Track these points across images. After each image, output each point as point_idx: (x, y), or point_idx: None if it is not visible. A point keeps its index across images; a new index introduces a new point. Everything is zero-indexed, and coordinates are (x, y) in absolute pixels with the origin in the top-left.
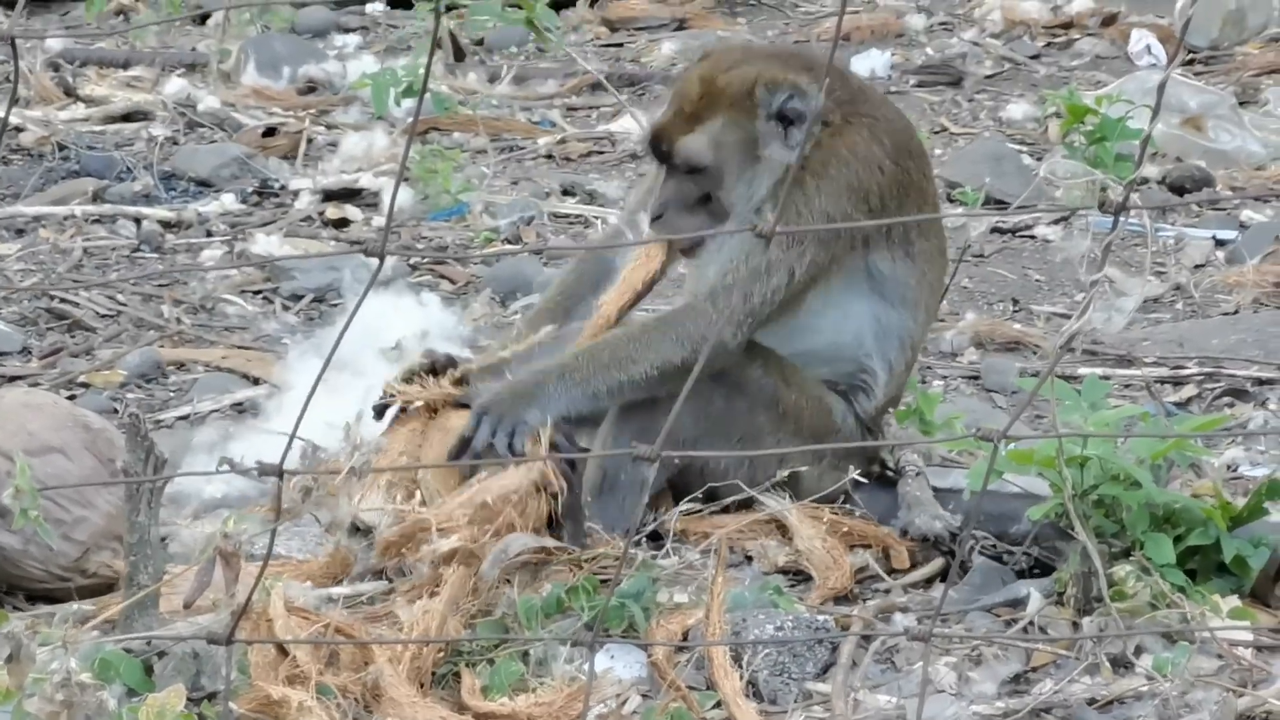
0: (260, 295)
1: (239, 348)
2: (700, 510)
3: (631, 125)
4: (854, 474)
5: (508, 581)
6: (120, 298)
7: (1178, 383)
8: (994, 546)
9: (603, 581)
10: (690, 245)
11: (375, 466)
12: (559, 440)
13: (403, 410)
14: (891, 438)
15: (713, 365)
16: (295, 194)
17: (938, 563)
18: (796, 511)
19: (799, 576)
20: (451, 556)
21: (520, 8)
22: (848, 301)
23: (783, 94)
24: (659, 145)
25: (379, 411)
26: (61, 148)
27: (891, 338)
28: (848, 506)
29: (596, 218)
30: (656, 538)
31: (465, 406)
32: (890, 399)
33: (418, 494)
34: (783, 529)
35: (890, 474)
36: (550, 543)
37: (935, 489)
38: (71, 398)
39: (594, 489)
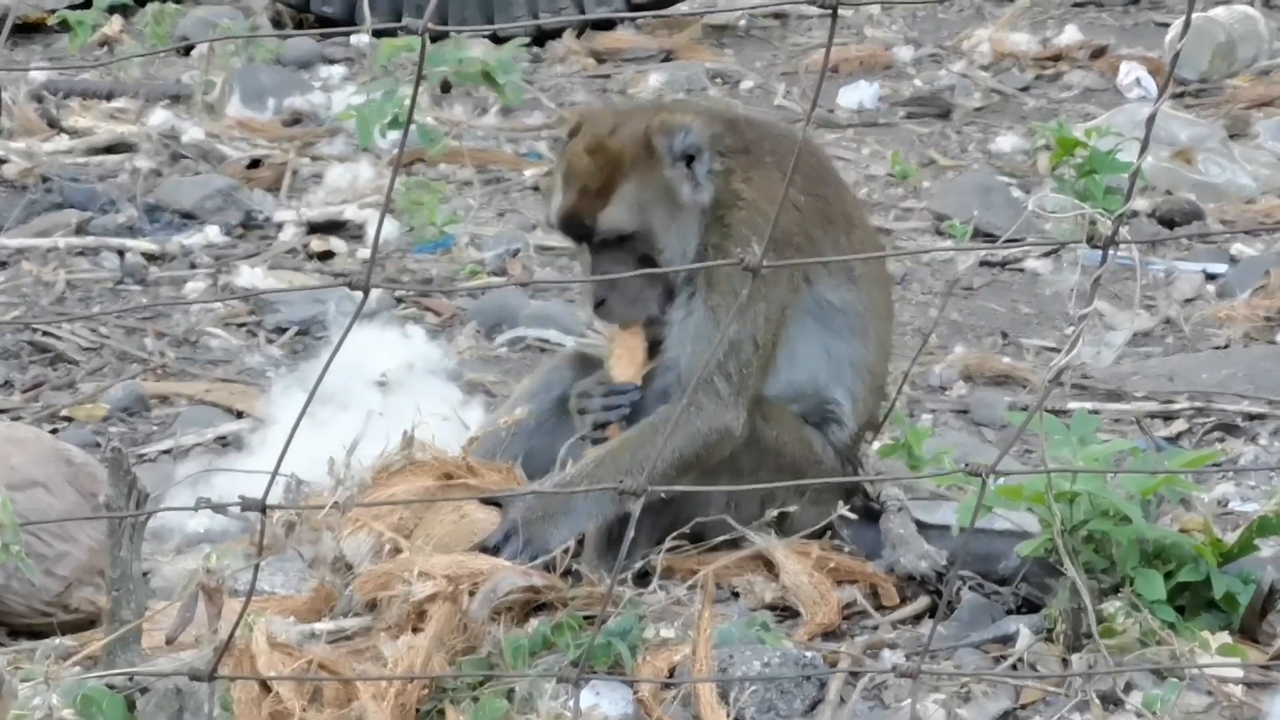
0: (244, 328)
1: (223, 381)
2: (687, 549)
3: None
4: (842, 509)
5: (494, 619)
6: (103, 330)
7: (1168, 417)
8: (981, 586)
9: (588, 618)
10: (647, 320)
11: (360, 502)
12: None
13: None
14: (876, 471)
15: (723, 451)
16: (280, 226)
17: (926, 599)
18: (783, 547)
19: (786, 612)
20: (431, 599)
21: (497, 39)
22: (795, 340)
23: (679, 135)
24: (576, 226)
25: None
26: (45, 180)
27: (844, 367)
28: (836, 542)
29: None
30: (644, 575)
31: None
32: (865, 424)
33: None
34: (769, 565)
35: (874, 506)
36: (539, 581)
37: (923, 524)
38: (54, 431)
39: (599, 544)
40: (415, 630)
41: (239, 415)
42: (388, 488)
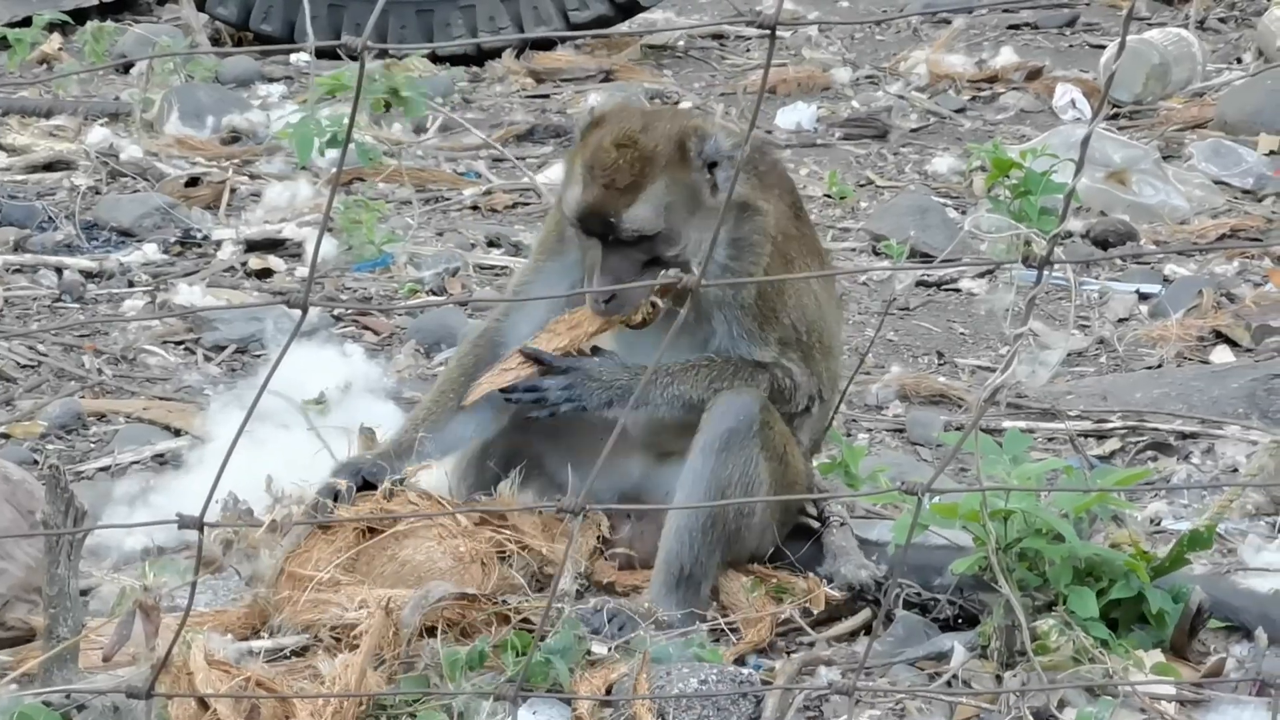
0: (182, 346)
1: (161, 399)
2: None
3: (559, 175)
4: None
5: (430, 632)
6: (41, 348)
7: (1101, 436)
8: (919, 595)
9: (529, 634)
10: (643, 320)
11: (296, 520)
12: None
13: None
14: (817, 489)
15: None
16: (218, 244)
17: (862, 615)
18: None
19: (724, 630)
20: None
21: (436, 59)
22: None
23: (711, 141)
24: (598, 222)
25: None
26: None
27: (800, 396)
28: (776, 563)
29: None
30: (583, 592)
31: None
32: (813, 444)
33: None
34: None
35: (813, 521)
36: (473, 591)
37: (861, 540)
38: None
39: (671, 583)
40: (352, 648)
41: (177, 433)
42: (306, 553)
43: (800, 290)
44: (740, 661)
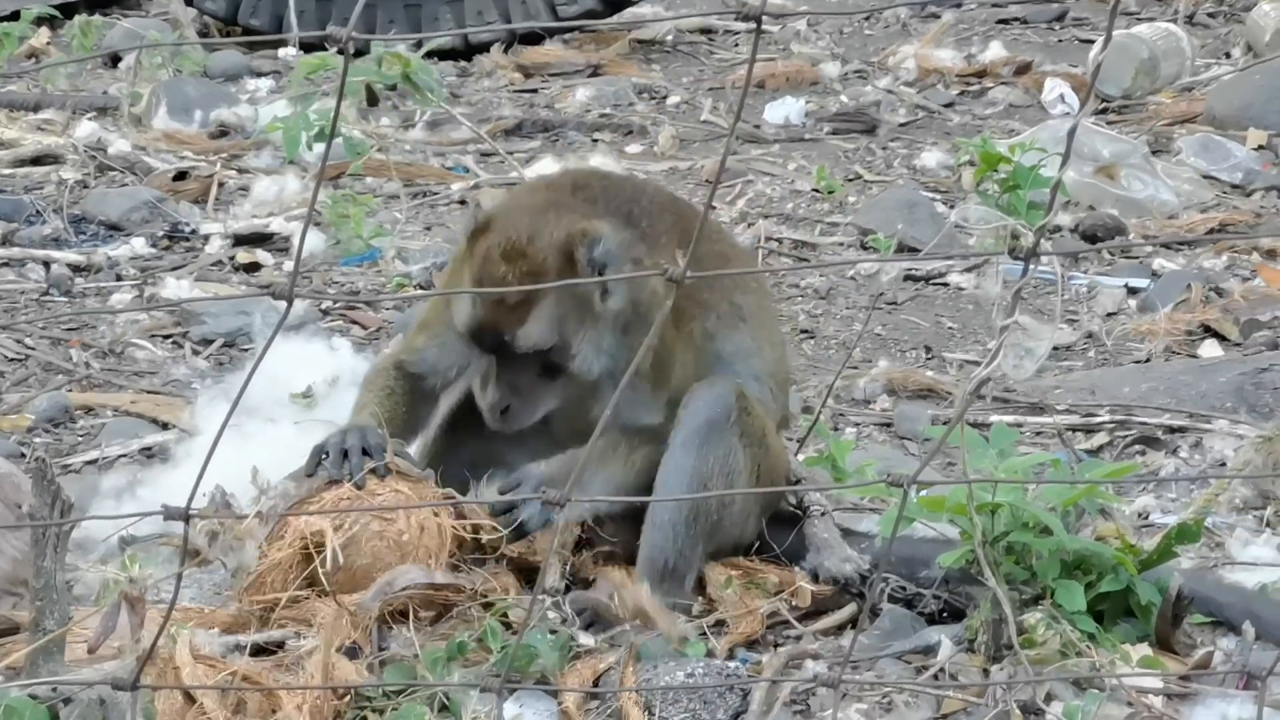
0: (170, 340)
1: (148, 392)
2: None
3: (547, 170)
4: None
5: (401, 616)
6: (28, 341)
7: (1089, 430)
8: (904, 590)
9: (507, 626)
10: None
11: (285, 512)
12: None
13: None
14: (796, 476)
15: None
16: (206, 238)
17: (849, 609)
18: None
19: (711, 623)
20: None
21: (421, 46)
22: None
23: (598, 244)
24: (490, 340)
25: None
26: None
27: (748, 380)
28: (762, 555)
29: None
30: (570, 586)
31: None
32: (779, 420)
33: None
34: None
35: (796, 510)
36: (442, 579)
37: (848, 532)
38: None
39: (655, 577)
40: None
41: (164, 426)
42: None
43: (684, 350)
44: (729, 655)
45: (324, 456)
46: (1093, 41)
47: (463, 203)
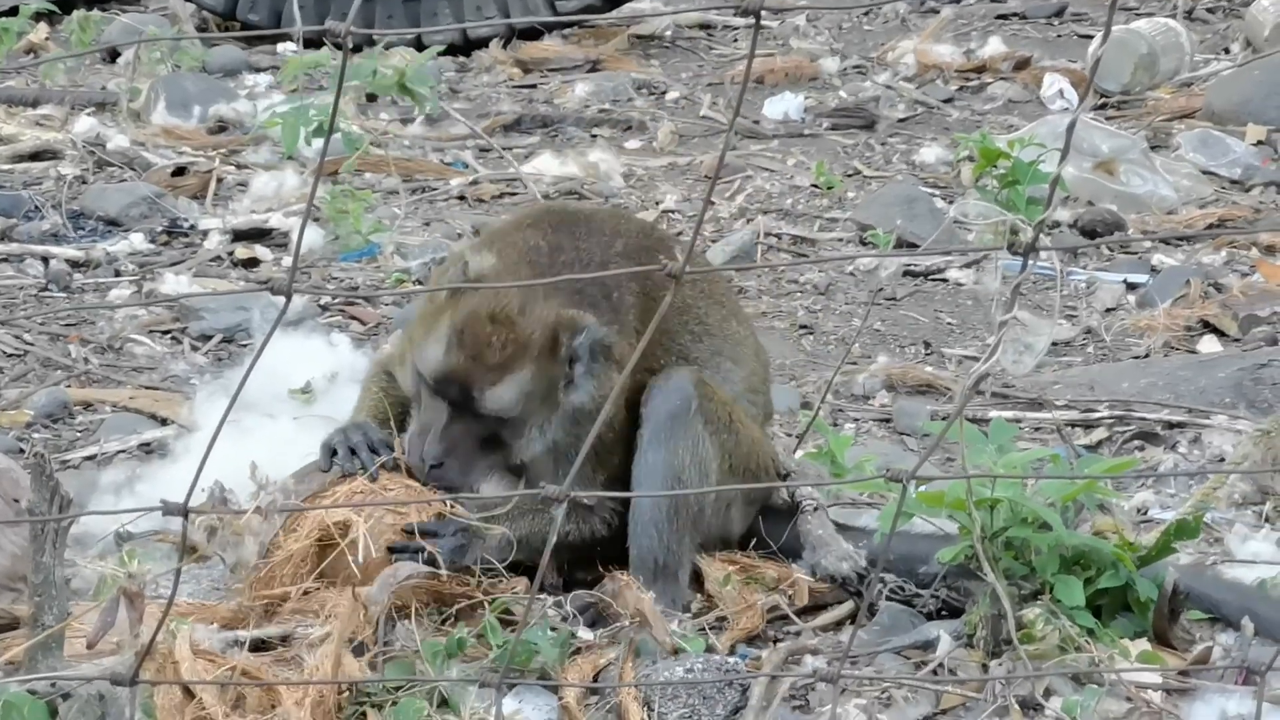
0: (169, 335)
1: (147, 388)
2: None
3: (546, 166)
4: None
5: (401, 610)
6: (27, 337)
7: (1088, 426)
8: (902, 589)
9: (506, 622)
10: (468, 482)
11: (282, 506)
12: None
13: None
14: (799, 477)
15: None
16: (205, 234)
17: (848, 605)
18: (708, 556)
19: (710, 619)
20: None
21: (422, 45)
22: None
23: (581, 336)
24: (456, 390)
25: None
26: None
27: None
28: (760, 551)
29: None
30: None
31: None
32: (765, 414)
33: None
34: (695, 572)
35: (788, 505)
36: (443, 571)
37: (846, 528)
38: None
39: (649, 577)
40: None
41: (163, 422)
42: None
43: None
44: (729, 650)
45: (334, 453)
46: (1091, 37)
47: (462, 198)
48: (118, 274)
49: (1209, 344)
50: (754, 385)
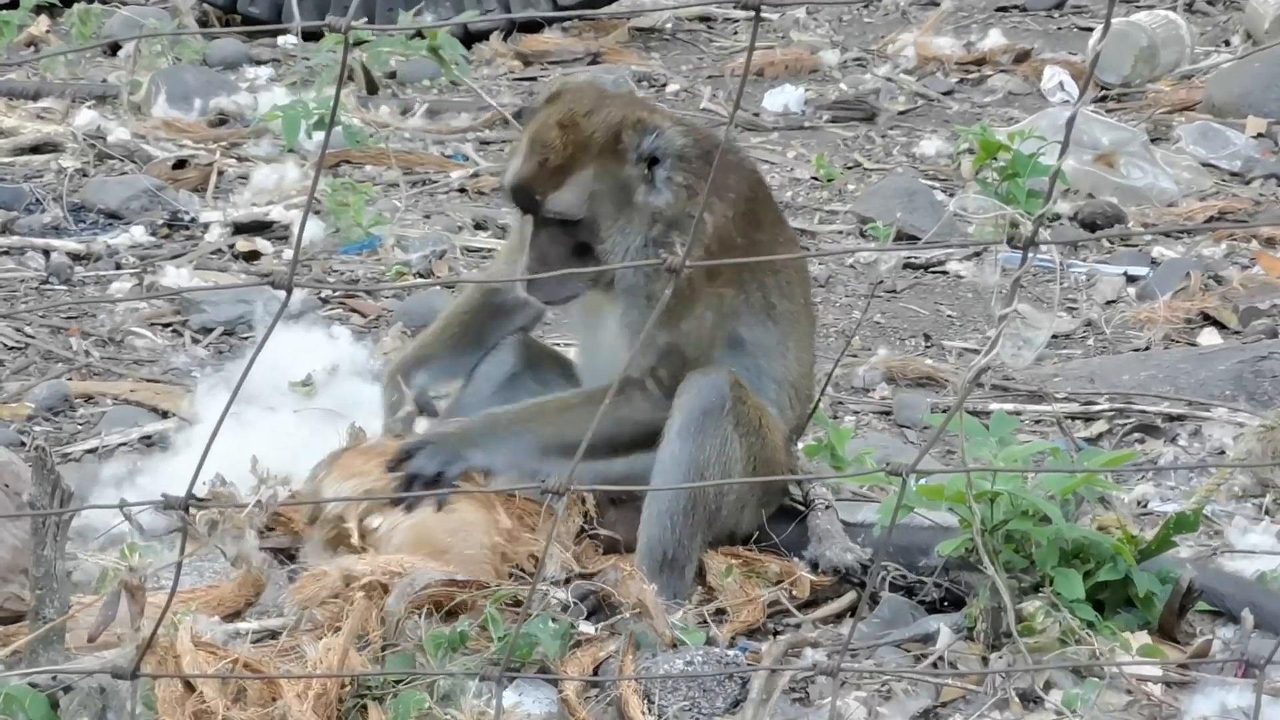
0: (170, 328)
1: (148, 381)
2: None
3: None
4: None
5: (414, 614)
6: (28, 330)
7: (1089, 418)
8: (904, 578)
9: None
10: (564, 298)
11: (283, 502)
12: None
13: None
14: (801, 471)
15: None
16: (205, 227)
17: (848, 598)
18: (710, 549)
19: (711, 612)
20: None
21: (423, 35)
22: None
23: (650, 135)
24: (526, 197)
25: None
26: None
27: (768, 383)
28: (762, 545)
29: None
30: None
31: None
32: (793, 429)
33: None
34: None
35: (798, 505)
36: (460, 576)
37: (846, 523)
38: None
39: (654, 567)
40: (335, 630)
41: (164, 415)
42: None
43: (706, 306)
44: (730, 643)
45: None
46: (1092, 29)
47: (462, 191)
48: (119, 267)
49: (1209, 336)
50: (802, 390)
